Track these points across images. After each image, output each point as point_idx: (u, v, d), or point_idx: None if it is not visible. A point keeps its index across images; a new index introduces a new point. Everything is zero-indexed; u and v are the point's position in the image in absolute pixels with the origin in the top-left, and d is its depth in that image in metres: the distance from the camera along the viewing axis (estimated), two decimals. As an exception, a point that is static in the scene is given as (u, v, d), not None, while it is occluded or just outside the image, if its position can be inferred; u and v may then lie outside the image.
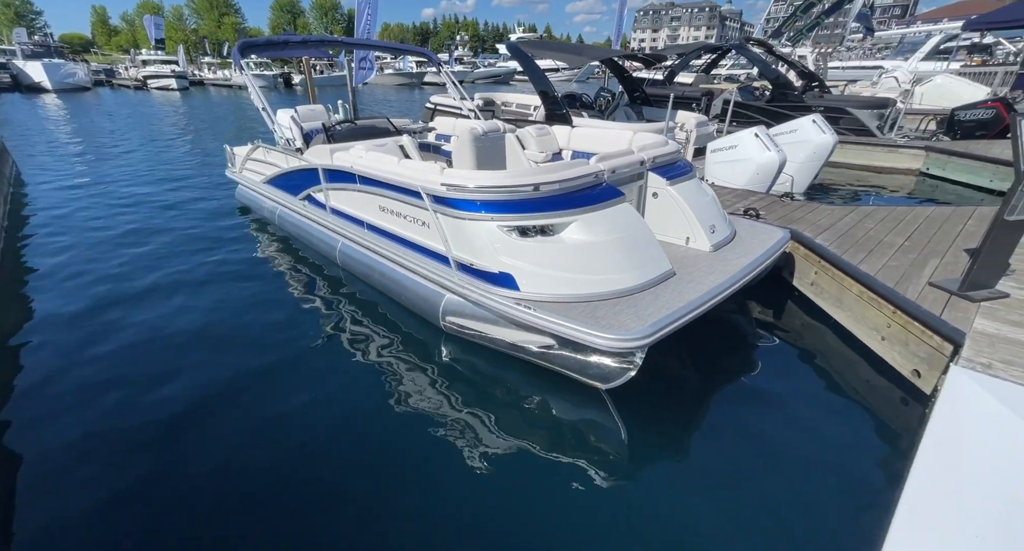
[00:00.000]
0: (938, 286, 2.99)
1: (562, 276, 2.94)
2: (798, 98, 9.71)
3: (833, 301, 3.54)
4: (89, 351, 3.46)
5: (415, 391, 3.06)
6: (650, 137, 4.64)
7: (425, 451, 2.60)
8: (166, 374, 3.21)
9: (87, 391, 3.04)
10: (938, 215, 4.40)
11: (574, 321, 2.66)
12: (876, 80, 16.84)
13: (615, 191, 3.29)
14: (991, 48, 23.85)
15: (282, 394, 3.06)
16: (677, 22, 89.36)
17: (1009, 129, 8.21)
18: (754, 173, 5.63)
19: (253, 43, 4.97)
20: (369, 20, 10.70)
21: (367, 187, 3.88)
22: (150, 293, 4.34)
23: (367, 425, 2.81)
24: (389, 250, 3.87)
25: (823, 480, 2.39)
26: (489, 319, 3.25)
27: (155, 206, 6.98)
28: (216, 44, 53.98)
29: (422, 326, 3.71)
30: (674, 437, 2.75)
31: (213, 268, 4.84)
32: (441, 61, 6.80)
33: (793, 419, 2.82)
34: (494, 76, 44.71)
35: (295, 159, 4.78)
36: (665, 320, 2.63)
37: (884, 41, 31.17)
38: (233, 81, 37.95)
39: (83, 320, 3.87)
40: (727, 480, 2.40)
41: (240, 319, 3.94)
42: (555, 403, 2.95)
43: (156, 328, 3.77)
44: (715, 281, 3.08)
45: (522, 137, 5.32)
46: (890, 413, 2.84)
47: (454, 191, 3.11)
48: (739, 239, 3.78)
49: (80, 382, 3.13)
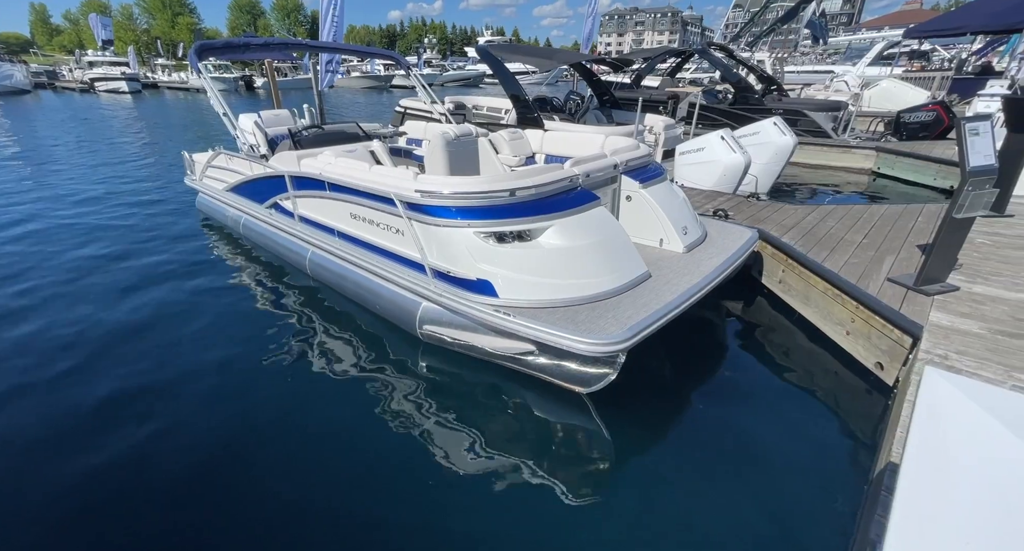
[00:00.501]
0: (896, 281, 3.15)
1: (540, 281, 2.93)
2: (759, 101, 10.09)
3: (800, 298, 3.68)
4: (46, 374, 3.22)
5: (393, 401, 2.99)
6: (622, 140, 4.72)
7: (406, 461, 2.54)
8: (127, 396, 3.02)
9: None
10: (891, 213, 4.65)
11: (554, 327, 2.65)
12: (828, 84, 17.73)
13: (590, 195, 3.31)
14: (928, 54, 25.67)
15: (253, 409, 2.94)
16: (641, 27, 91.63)
17: (948, 130, 8.81)
18: (721, 174, 5.80)
19: (210, 45, 4.76)
20: (336, 22, 10.46)
21: (337, 194, 3.78)
22: (106, 306, 4.08)
23: (343, 438, 2.72)
24: (362, 258, 3.77)
25: (798, 472, 2.47)
26: (468, 327, 3.21)
27: (106, 217, 6.59)
28: (171, 45, 51.60)
29: (398, 335, 3.63)
30: (653, 437, 2.79)
31: (174, 282, 4.60)
32: (410, 64, 6.71)
33: (767, 413, 2.90)
34: (464, 79, 44.56)
35: (260, 166, 4.60)
36: (643, 323, 2.66)
37: (833, 47, 33.04)
38: (190, 84, 36.40)
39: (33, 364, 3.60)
40: (707, 479, 2.45)
41: (205, 333, 3.76)
42: (536, 408, 2.94)
43: (110, 344, 3.55)
44: (690, 282, 3.14)
45: (495, 141, 5.31)
46: (856, 404, 2.97)
47: (429, 198, 3.06)
48: (710, 239, 3.88)
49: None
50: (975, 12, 15.57)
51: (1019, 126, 4.00)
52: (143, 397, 3.03)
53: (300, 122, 5.69)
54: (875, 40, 26.83)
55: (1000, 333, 2.65)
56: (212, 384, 3.18)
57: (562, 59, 7.93)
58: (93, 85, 33.84)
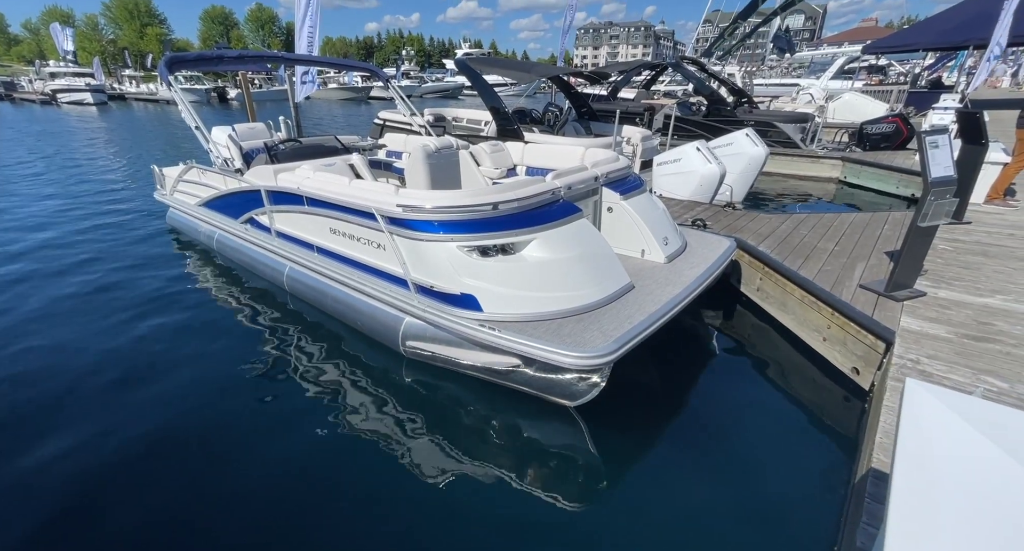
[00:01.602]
0: (867, 288, 3.26)
1: (525, 295, 2.92)
2: (731, 113, 10.43)
3: (778, 305, 3.77)
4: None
5: (376, 420, 2.91)
6: (601, 152, 4.79)
7: (391, 481, 2.47)
8: (98, 415, 2.86)
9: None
10: (859, 221, 4.84)
11: (540, 340, 2.64)
12: (795, 96, 18.51)
13: (573, 207, 3.33)
14: (885, 69, 27.21)
15: (228, 428, 2.81)
16: (616, 40, 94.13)
17: (907, 140, 9.27)
18: (698, 185, 5.94)
19: (181, 58, 4.64)
20: (311, 34, 10.39)
21: (316, 209, 3.71)
22: (76, 326, 3.88)
23: (325, 459, 2.63)
24: (342, 274, 3.70)
25: (782, 478, 2.50)
26: (452, 342, 3.17)
27: (72, 231, 6.32)
28: (139, 56, 50.31)
29: (380, 352, 3.56)
30: (639, 448, 2.79)
31: (145, 300, 4.42)
32: (388, 76, 6.69)
33: (751, 420, 2.95)
34: (442, 91, 44.76)
35: (234, 181, 4.49)
36: (629, 334, 2.67)
37: (797, 61, 34.71)
38: (160, 95, 35.50)
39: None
40: (691, 487, 2.46)
41: (179, 352, 3.61)
42: (523, 423, 2.91)
43: (82, 366, 3.37)
44: (672, 292, 3.18)
45: (476, 153, 5.32)
46: (834, 409, 3.03)
47: (411, 212, 3.03)
48: (690, 249, 3.95)
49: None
50: (926, 30, 16.62)
51: (972, 138, 4.24)
52: (111, 415, 2.87)
53: (277, 135, 5.59)
54: (836, 55, 28.29)
55: (966, 337, 2.76)
56: (186, 400, 3.05)
57: (540, 72, 8.05)
58: (55, 97, 32.64)
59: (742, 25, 18.53)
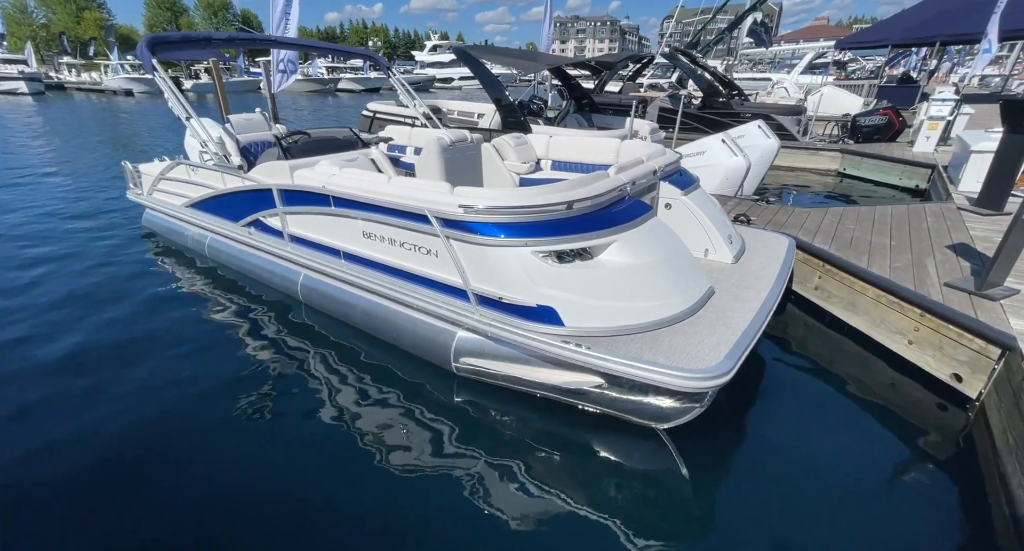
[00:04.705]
0: (954, 286, 3.09)
1: (608, 305, 2.57)
2: (726, 105, 10.38)
3: (845, 305, 3.58)
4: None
5: (425, 449, 2.53)
6: (642, 145, 4.49)
7: (459, 518, 2.10)
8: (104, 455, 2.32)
9: None
10: (899, 214, 4.73)
11: (642, 360, 2.30)
12: (770, 90, 18.87)
13: (644, 205, 3.01)
14: (846, 64, 28.40)
15: (257, 470, 2.34)
16: (583, 34, 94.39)
17: (898, 132, 9.43)
18: (723, 178, 5.74)
19: (165, 38, 3.99)
20: (287, 18, 9.60)
21: (346, 210, 3.22)
22: (61, 361, 3.25)
23: (381, 498, 2.21)
24: (377, 282, 3.25)
25: (884, 496, 2.28)
26: (517, 359, 2.80)
27: (30, 237, 5.49)
28: (79, 43, 46.19)
29: (422, 369, 3.15)
30: (725, 471, 2.52)
31: (129, 320, 3.79)
32: (389, 64, 6.16)
33: (832, 429, 2.74)
34: (413, 83, 43.19)
35: (236, 179, 3.91)
36: (739, 348, 2.37)
37: (757, 57, 35.90)
38: (105, 85, 32.78)
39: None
40: (788, 511, 2.20)
41: (180, 375, 3.08)
42: (598, 445, 2.61)
43: (63, 399, 2.78)
44: (759, 295, 2.91)
45: (499, 147, 4.90)
46: (929, 418, 2.81)
47: (474, 213, 2.62)
48: (750, 248, 3.70)
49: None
50: (893, 27, 17.22)
51: (1016, 128, 4.18)
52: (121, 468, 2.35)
53: (277, 127, 4.99)
54: (796, 51, 29.21)
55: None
56: (204, 437, 2.55)
57: (548, 62, 7.67)
58: (-18, 86, 29.61)
59: (719, 21, 18.71)
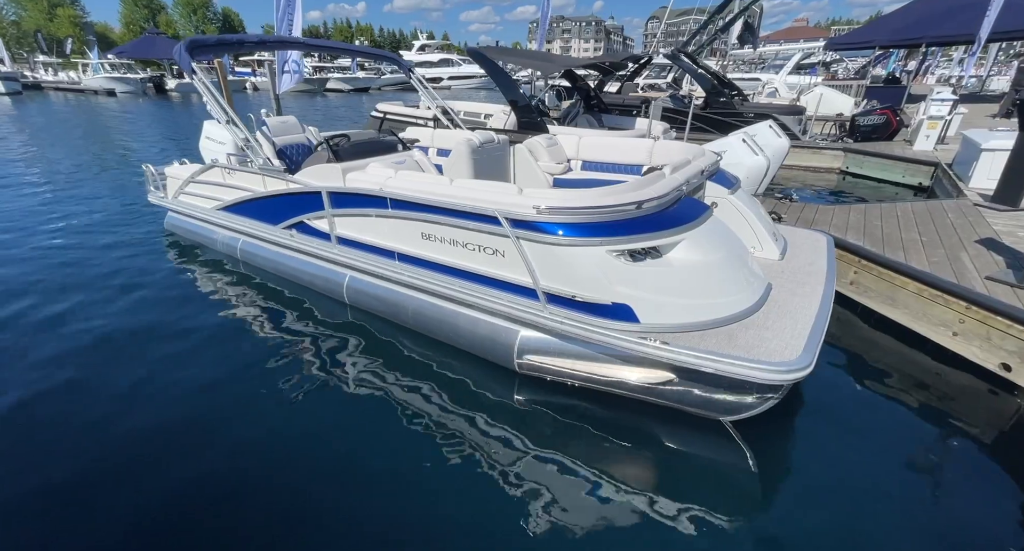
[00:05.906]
0: (995, 279, 3.23)
1: (680, 302, 2.63)
2: (728, 105, 10.57)
3: (884, 299, 3.70)
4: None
5: (491, 445, 2.59)
6: (676, 145, 4.57)
7: (524, 517, 2.13)
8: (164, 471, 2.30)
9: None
10: (922, 210, 4.90)
11: (724, 355, 2.37)
12: (760, 90, 19.26)
13: (703, 205, 3.08)
14: (830, 65, 29.10)
15: (321, 488, 2.35)
16: (568, 34, 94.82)
17: (896, 132, 9.71)
18: (744, 177, 5.82)
19: (203, 42, 3.95)
20: (289, 19, 9.50)
21: (404, 212, 3.22)
22: (90, 366, 3.19)
23: (449, 500, 2.24)
24: (435, 282, 3.26)
25: (939, 480, 2.40)
26: (585, 355, 2.85)
27: (52, 246, 5.35)
28: (54, 41, 44.73)
29: (477, 366, 3.19)
30: (789, 463, 2.61)
31: (161, 323, 3.74)
32: (410, 65, 6.14)
33: (883, 416, 2.87)
34: (401, 83, 43.04)
35: (280, 182, 3.87)
36: (815, 339, 2.45)
37: (742, 57, 36.61)
38: (85, 84, 31.85)
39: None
40: (856, 506, 2.29)
41: (238, 382, 3.05)
42: (665, 438, 2.70)
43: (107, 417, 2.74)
44: (816, 290, 3.00)
45: (532, 148, 4.94)
46: (980, 406, 2.93)
47: (547, 214, 2.65)
48: (792, 244, 3.81)
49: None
50: (881, 29, 17.75)
51: (1033, 127, 4.37)
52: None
53: (310, 130, 4.94)
54: (780, 52, 29.85)
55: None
56: (263, 441, 2.54)
57: (564, 63, 7.74)
58: (-45, 86, 28.51)
59: (716, 20, 19.01)
